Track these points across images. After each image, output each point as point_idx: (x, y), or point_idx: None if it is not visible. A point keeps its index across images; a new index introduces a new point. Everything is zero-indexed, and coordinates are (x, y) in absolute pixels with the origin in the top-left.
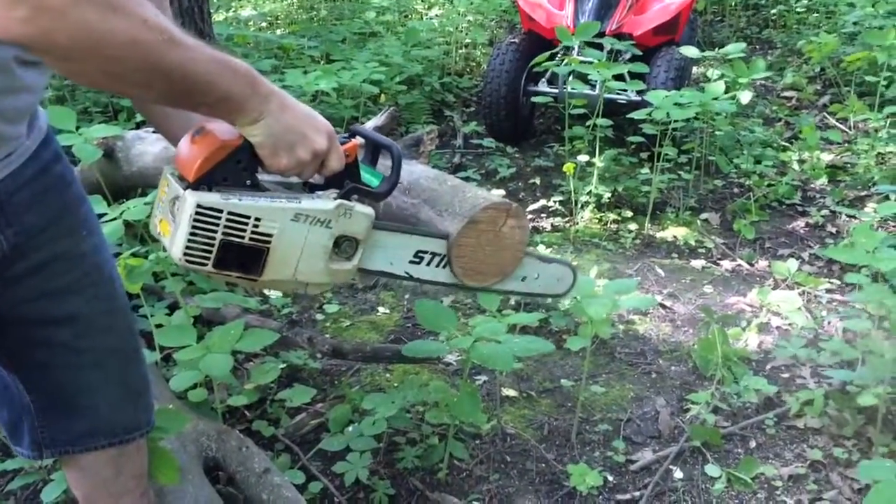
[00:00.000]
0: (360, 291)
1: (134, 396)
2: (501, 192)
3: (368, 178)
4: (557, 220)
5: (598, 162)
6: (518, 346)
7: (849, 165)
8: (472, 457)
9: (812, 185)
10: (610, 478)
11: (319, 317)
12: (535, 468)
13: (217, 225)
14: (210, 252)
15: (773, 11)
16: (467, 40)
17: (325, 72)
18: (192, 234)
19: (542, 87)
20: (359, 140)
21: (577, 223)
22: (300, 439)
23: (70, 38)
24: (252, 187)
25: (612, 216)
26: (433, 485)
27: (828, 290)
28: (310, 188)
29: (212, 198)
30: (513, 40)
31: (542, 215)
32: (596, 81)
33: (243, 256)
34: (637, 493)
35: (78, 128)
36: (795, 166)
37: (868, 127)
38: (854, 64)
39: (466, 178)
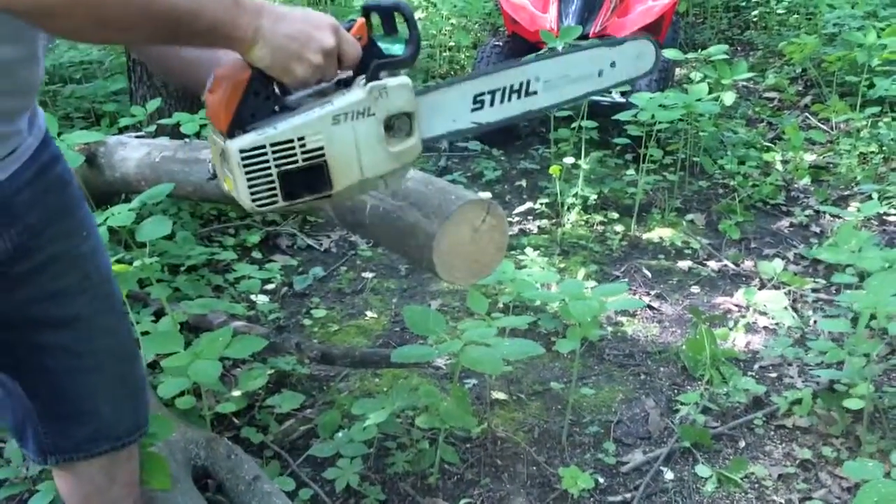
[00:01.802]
0: (348, 296)
1: (132, 398)
2: (488, 194)
3: (389, 48)
4: (544, 223)
5: (584, 164)
6: (508, 349)
7: (832, 165)
8: (463, 461)
9: (796, 185)
10: (601, 480)
11: (307, 322)
12: (525, 471)
13: (267, 160)
14: (274, 188)
15: (754, 13)
16: (451, 43)
17: None
18: (249, 179)
19: None
20: (361, 19)
21: (564, 225)
22: (289, 446)
23: None
24: (282, 111)
25: (598, 218)
26: (424, 490)
27: (813, 290)
28: (344, 85)
29: (249, 138)
30: (497, 43)
31: (529, 217)
32: None
33: (307, 178)
34: (628, 495)
35: (59, 133)
36: (779, 166)
37: (850, 127)
38: (835, 64)
39: (453, 181)
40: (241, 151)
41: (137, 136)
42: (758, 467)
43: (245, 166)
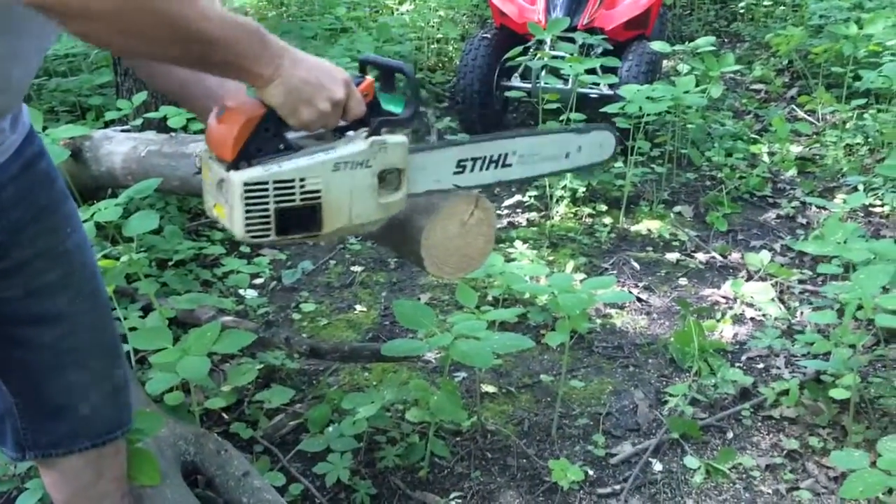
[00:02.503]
0: (337, 290)
1: (115, 396)
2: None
3: (391, 106)
4: (533, 216)
5: None
6: (497, 342)
7: (818, 157)
8: (453, 454)
9: (782, 177)
10: (590, 472)
11: (296, 316)
12: (516, 464)
13: (267, 196)
14: (269, 222)
15: (741, 5)
16: (439, 35)
17: (264, 27)
18: (247, 211)
19: (515, 81)
20: (370, 79)
21: (553, 218)
22: (279, 441)
23: None
24: (286, 150)
25: (586, 210)
26: (415, 483)
27: (800, 281)
28: (340, 132)
29: (254, 172)
30: (485, 35)
31: (518, 210)
32: (568, 76)
33: (300, 217)
34: (617, 487)
35: (45, 128)
36: (766, 158)
37: (836, 119)
38: (821, 56)
39: None
40: (245, 184)
41: (123, 130)
42: (745, 458)
43: (246, 199)
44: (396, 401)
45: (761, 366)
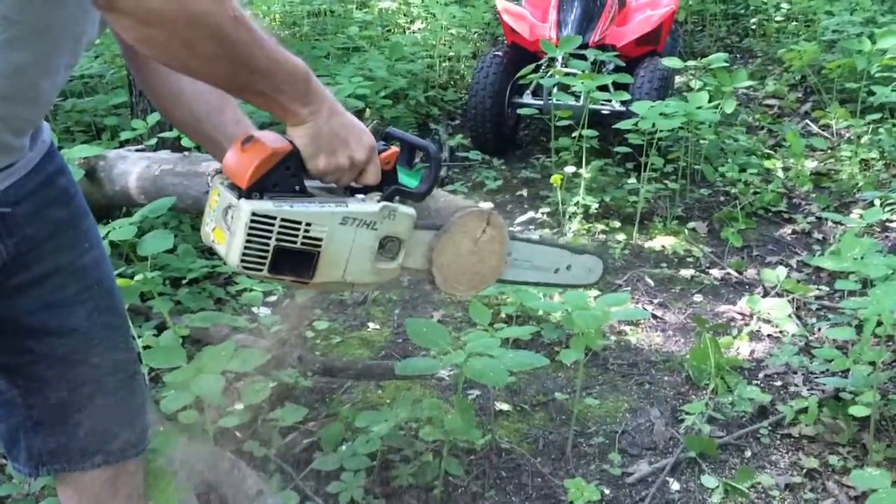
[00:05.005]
0: (350, 307)
1: (131, 414)
2: (490, 204)
3: (407, 179)
4: (546, 232)
5: (585, 173)
6: (511, 360)
7: (833, 172)
8: (468, 473)
9: (797, 193)
10: (606, 491)
11: (310, 334)
12: (531, 483)
13: (271, 231)
14: (265, 258)
15: (753, 21)
16: (451, 53)
17: (312, 71)
18: (248, 241)
19: (527, 99)
20: (396, 148)
21: (566, 234)
22: (293, 459)
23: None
24: (300, 193)
25: (600, 227)
26: (429, 502)
27: (817, 297)
28: (350, 191)
29: (265, 205)
30: (496, 53)
31: (531, 227)
32: (580, 93)
33: (295, 260)
34: None
35: (60, 147)
36: (780, 174)
37: (851, 133)
38: (834, 71)
39: (454, 192)
40: (254, 214)
41: (138, 150)
42: (764, 477)
43: (251, 229)
44: (410, 419)
45: (779, 383)
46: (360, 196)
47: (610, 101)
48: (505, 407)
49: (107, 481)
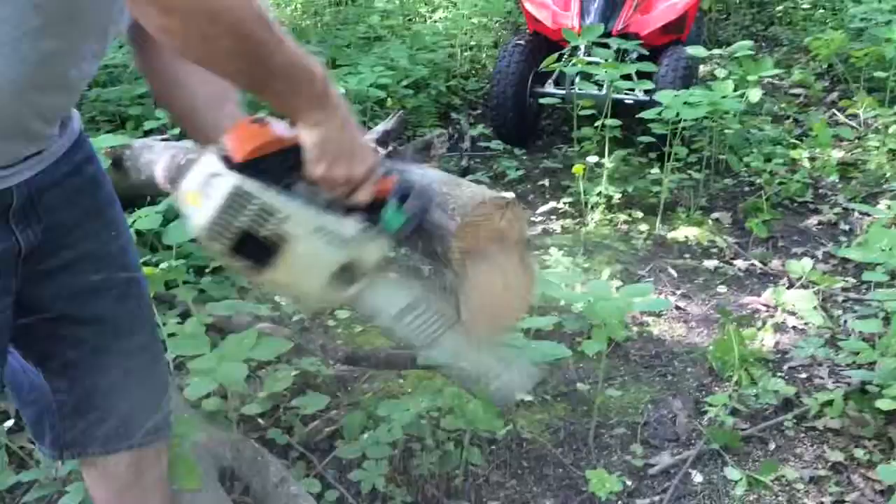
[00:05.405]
0: None
1: (155, 400)
2: (511, 194)
3: (392, 215)
4: (568, 222)
5: (608, 163)
6: (534, 351)
7: (860, 162)
8: (489, 463)
9: (823, 183)
10: (628, 482)
11: (331, 323)
12: (552, 473)
13: (245, 211)
14: (231, 235)
15: (779, 8)
16: (472, 42)
17: (331, 77)
18: (221, 212)
19: (549, 88)
20: (395, 178)
21: (588, 225)
22: (315, 447)
23: None
24: (286, 188)
25: (622, 217)
26: (450, 491)
27: (843, 289)
28: (333, 206)
29: (251, 184)
30: (518, 42)
31: (552, 217)
32: (603, 82)
33: (256, 248)
34: (657, 498)
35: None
36: (806, 164)
37: (879, 123)
38: (862, 60)
39: (475, 181)
40: (236, 187)
41: (162, 139)
42: (788, 470)
43: (226, 202)
44: (431, 408)
45: (804, 375)
46: (340, 214)
47: (633, 90)
48: (526, 397)
49: (131, 465)
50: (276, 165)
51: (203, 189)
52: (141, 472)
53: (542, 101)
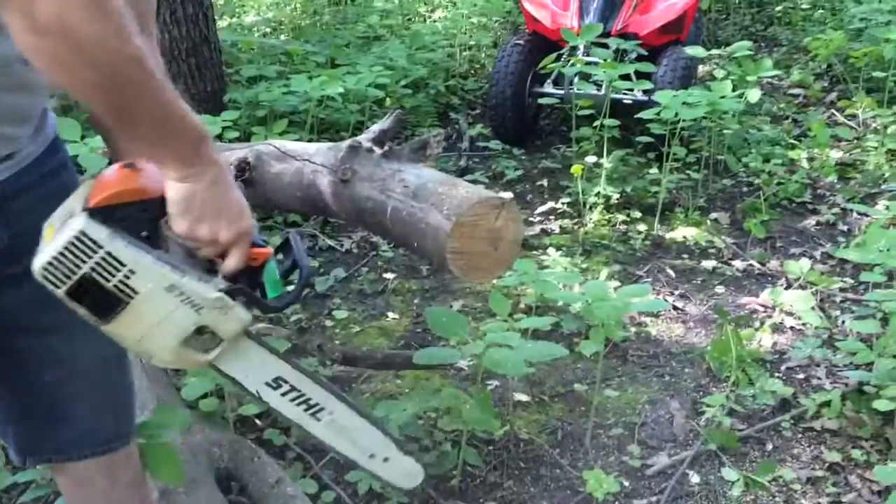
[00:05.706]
0: (370, 297)
1: (117, 406)
2: (509, 194)
3: (268, 286)
4: (566, 222)
5: (606, 163)
6: (530, 351)
7: (859, 162)
8: (486, 463)
9: (822, 183)
10: (625, 483)
11: (329, 323)
12: (549, 474)
13: (90, 258)
14: (69, 279)
15: (778, 9)
16: (471, 42)
17: (330, 77)
18: (61, 253)
19: (548, 88)
20: (270, 250)
21: (586, 225)
22: (312, 448)
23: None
24: (145, 240)
25: (620, 217)
26: (447, 492)
27: (841, 289)
28: (204, 265)
29: (100, 231)
30: (517, 42)
31: (551, 217)
32: (602, 82)
33: (100, 297)
34: (654, 499)
35: (83, 137)
36: (805, 164)
37: (877, 123)
38: (861, 60)
39: (473, 181)
40: (82, 233)
41: None
42: (786, 470)
43: (71, 244)
44: (429, 409)
45: (801, 376)
46: (203, 274)
47: (632, 90)
48: (524, 398)
49: (101, 470)
50: (136, 215)
51: (58, 225)
52: (115, 476)
53: (540, 101)
